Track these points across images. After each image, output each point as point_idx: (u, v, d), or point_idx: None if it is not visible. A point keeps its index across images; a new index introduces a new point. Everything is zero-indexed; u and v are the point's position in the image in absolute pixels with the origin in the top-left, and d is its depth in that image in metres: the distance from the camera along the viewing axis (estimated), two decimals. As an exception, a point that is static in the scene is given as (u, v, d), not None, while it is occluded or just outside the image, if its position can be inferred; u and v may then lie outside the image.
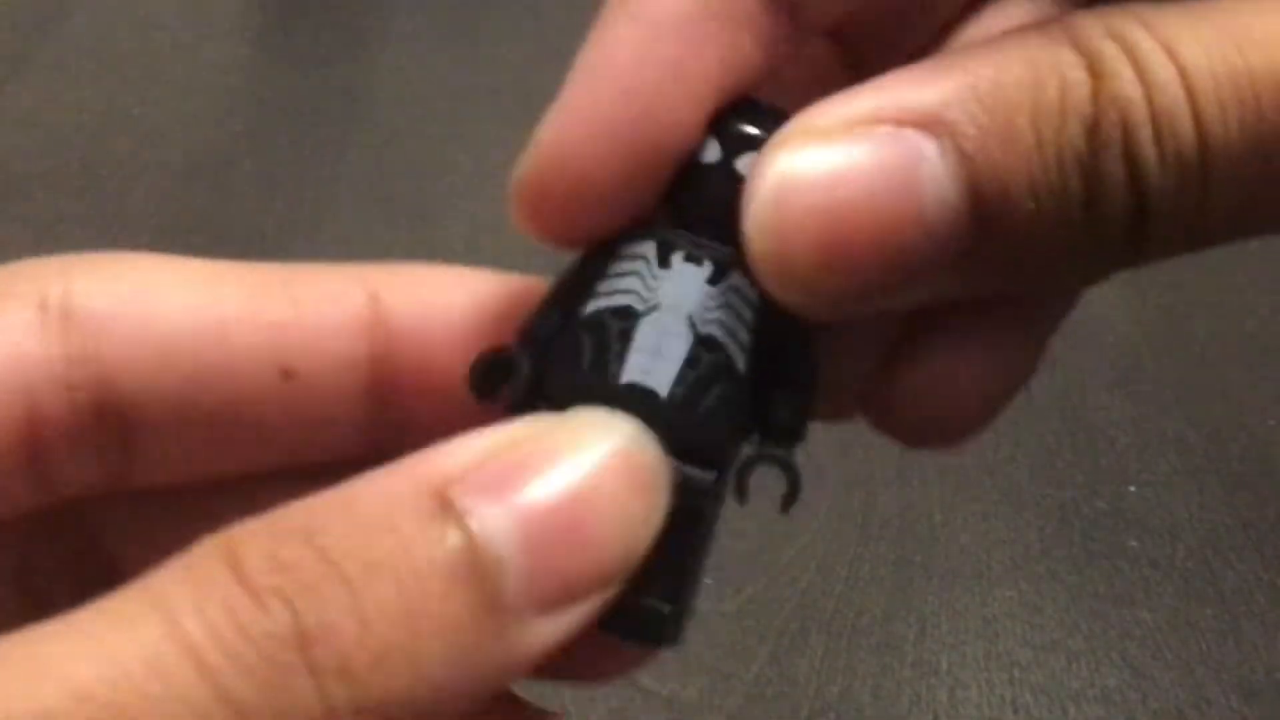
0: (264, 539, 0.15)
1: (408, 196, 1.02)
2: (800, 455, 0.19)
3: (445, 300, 0.20)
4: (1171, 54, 0.17)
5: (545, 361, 0.19)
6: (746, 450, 0.19)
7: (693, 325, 0.19)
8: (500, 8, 1.28)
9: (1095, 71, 0.17)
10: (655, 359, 0.19)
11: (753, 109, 0.19)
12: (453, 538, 0.16)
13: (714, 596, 0.68)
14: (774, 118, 0.18)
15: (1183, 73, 0.17)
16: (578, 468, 0.17)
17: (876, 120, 0.17)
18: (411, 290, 0.20)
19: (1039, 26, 0.18)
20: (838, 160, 0.17)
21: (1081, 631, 0.67)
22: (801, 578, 0.70)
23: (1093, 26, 0.17)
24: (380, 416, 0.21)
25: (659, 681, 0.64)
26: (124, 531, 0.22)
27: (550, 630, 0.16)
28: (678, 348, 0.19)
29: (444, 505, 0.16)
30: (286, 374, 0.20)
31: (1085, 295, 0.21)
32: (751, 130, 0.19)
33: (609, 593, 0.17)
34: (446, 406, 0.20)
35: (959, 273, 0.18)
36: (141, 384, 0.19)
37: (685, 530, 0.18)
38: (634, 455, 0.18)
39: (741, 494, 0.19)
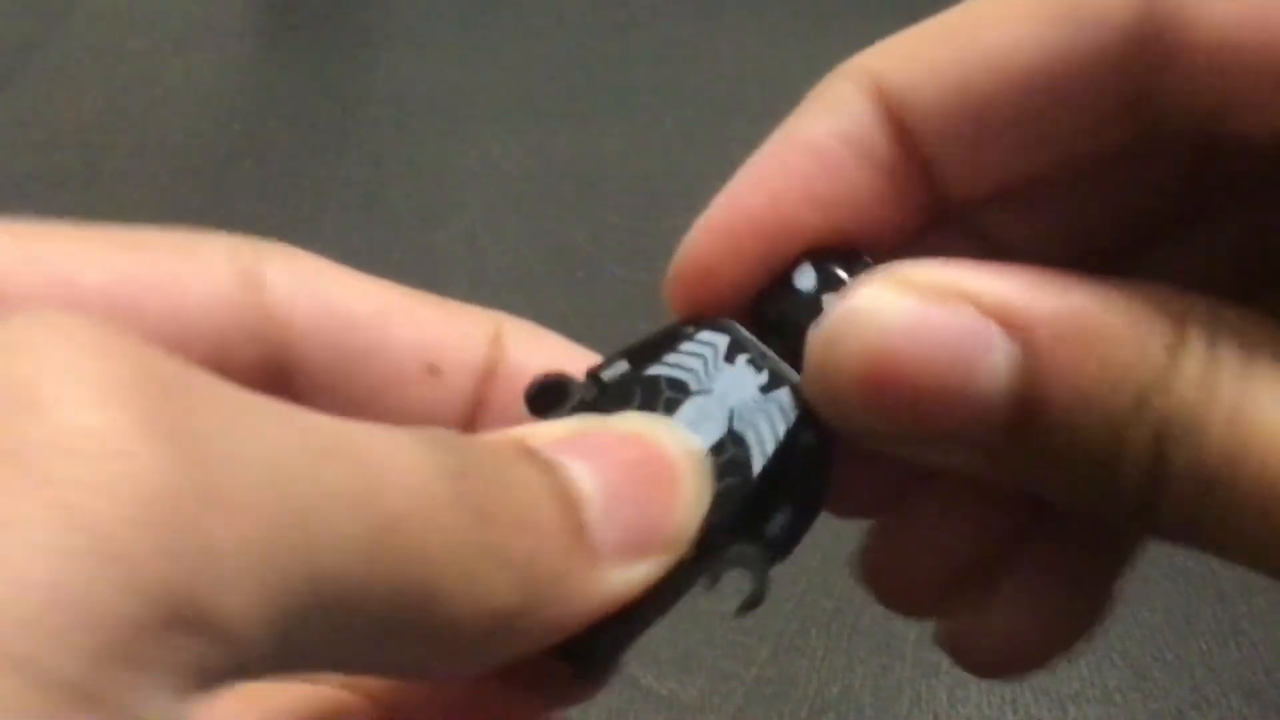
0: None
1: (407, 197, 1.02)
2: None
3: (551, 356, 0.22)
4: (1243, 392, 0.17)
5: (596, 399, 0.21)
6: (732, 548, 0.21)
7: (731, 419, 0.21)
8: (500, 8, 1.28)
9: (1172, 354, 0.17)
10: (688, 434, 0.21)
11: (852, 255, 0.21)
12: (543, 473, 0.18)
13: (714, 596, 0.68)
14: (866, 268, 0.20)
15: (1236, 417, 0.17)
16: (646, 440, 0.19)
17: (966, 297, 0.18)
18: (531, 340, 0.23)
19: (1164, 287, 0.18)
20: (912, 313, 0.18)
21: (1081, 631, 0.67)
22: (801, 578, 0.70)
23: (1200, 314, 0.17)
24: (468, 428, 0.22)
25: (659, 681, 0.64)
26: None
27: (622, 580, 0.18)
28: (711, 432, 0.21)
29: (531, 452, 0.18)
30: (432, 370, 0.22)
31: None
32: (844, 274, 0.20)
33: (667, 559, 0.19)
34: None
35: (986, 459, 0.18)
36: (314, 353, 0.21)
37: (654, 595, 0.19)
38: (691, 444, 0.20)
39: (712, 583, 0.21)
